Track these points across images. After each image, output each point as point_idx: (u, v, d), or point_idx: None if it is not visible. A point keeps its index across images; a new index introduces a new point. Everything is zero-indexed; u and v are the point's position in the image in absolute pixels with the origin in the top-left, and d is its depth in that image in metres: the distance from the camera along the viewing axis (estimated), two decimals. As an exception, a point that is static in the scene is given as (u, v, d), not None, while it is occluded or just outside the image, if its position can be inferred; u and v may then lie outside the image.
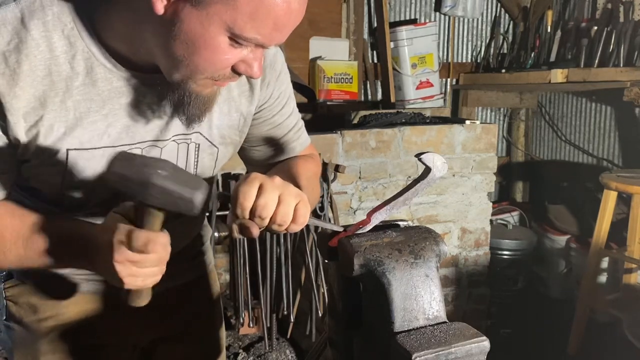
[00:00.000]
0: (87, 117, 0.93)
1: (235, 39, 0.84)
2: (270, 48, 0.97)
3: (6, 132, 0.91)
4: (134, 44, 0.91)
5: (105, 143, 0.96)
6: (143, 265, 0.84)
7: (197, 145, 1.06)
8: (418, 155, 0.82)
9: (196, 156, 1.07)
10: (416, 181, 0.85)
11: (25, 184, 1.00)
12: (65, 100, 0.91)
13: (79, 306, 1.17)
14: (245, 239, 2.49)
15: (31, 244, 0.92)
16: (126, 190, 0.81)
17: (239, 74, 0.91)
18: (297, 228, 0.87)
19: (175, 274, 1.20)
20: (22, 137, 0.91)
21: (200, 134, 1.05)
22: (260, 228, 0.85)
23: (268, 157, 1.20)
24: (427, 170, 0.83)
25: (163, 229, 0.85)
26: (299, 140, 1.21)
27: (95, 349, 1.19)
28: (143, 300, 0.92)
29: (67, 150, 0.94)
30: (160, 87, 0.94)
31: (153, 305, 1.17)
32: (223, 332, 1.41)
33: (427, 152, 0.83)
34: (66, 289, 1.15)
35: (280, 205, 0.84)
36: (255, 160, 1.21)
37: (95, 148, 0.95)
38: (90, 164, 0.96)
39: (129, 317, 1.17)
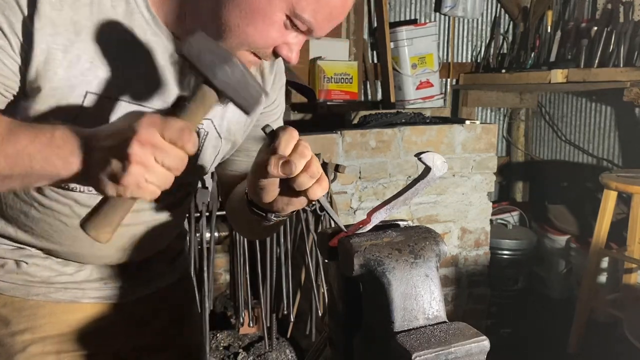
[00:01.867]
0: (114, 61, 0.89)
1: (292, 19, 0.85)
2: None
3: (19, 49, 0.84)
4: (183, 5, 0.90)
5: (123, 96, 0.91)
6: (166, 158, 0.71)
7: (205, 133, 1.03)
8: (418, 155, 0.82)
9: (201, 145, 1.04)
10: (416, 180, 0.85)
11: (30, 118, 0.91)
12: (98, 36, 0.88)
13: (55, 317, 1.08)
14: (246, 239, 2.49)
15: (8, 139, 0.76)
16: (200, 62, 0.76)
17: (276, 57, 0.91)
18: (319, 192, 0.85)
19: (155, 277, 1.18)
20: (44, 57, 0.85)
21: (212, 122, 1.03)
22: (296, 169, 0.81)
23: (250, 164, 1.19)
24: (427, 169, 0.83)
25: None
26: None
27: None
28: (105, 232, 0.76)
29: (86, 92, 0.88)
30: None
31: (133, 312, 1.15)
32: (205, 337, 1.38)
33: (427, 151, 0.83)
34: (40, 299, 1.07)
35: (313, 160, 0.83)
36: (235, 169, 1.17)
37: (113, 98, 0.91)
38: (103, 115, 0.90)
39: (109, 326, 1.13)
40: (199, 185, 2.28)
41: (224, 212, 2.45)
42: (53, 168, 0.75)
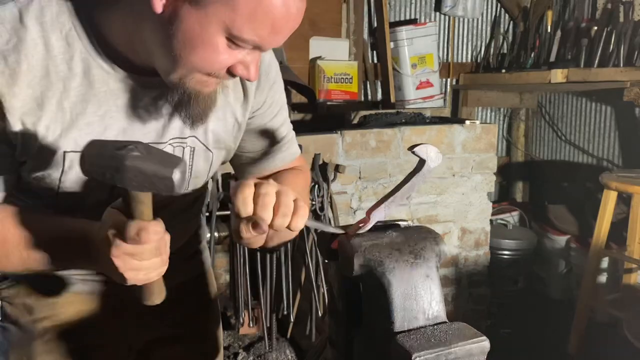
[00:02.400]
0: (83, 119, 0.93)
1: (233, 40, 0.84)
2: (265, 56, 0.96)
3: (5, 133, 0.91)
4: (133, 44, 0.91)
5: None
6: (141, 257, 0.80)
7: (192, 149, 1.06)
8: (411, 148, 0.82)
9: (191, 160, 1.07)
10: (411, 174, 0.85)
11: (22, 187, 0.99)
12: (62, 101, 0.91)
13: (74, 307, 1.16)
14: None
15: (33, 246, 0.90)
16: (103, 178, 0.77)
17: (233, 76, 0.90)
18: (300, 222, 0.84)
19: (171, 274, 1.21)
20: (20, 138, 0.91)
21: (196, 138, 1.05)
22: (266, 223, 0.82)
23: (257, 165, 1.20)
24: (422, 162, 0.83)
25: (157, 218, 0.82)
26: (289, 150, 1.22)
27: (90, 349, 1.18)
28: (157, 297, 0.88)
29: (64, 152, 0.93)
30: (159, 89, 0.94)
31: (149, 306, 1.18)
32: (220, 333, 1.41)
33: (421, 144, 0.83)
34: (62, 290, 1.15)
35: (280, 195, 0.82)
36: (244, 167, 1.22)
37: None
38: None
39: (124, 318, 1.18)
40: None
41: (224, 212, 2.45)
42: (74, 267, 0.99)
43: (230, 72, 0.90)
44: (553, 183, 4.22)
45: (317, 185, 2.50)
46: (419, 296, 0.79)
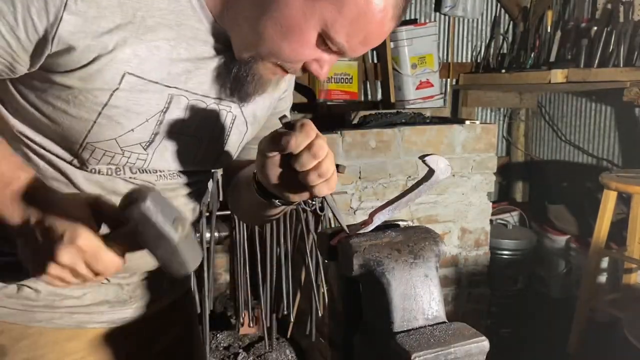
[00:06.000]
0: (156, 41, 0.87)
1: (325, 39, 0.85)
2: None
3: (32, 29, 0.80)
4: (224, 4, 0.90)
5: (163, 79, 0.90)
6: (81, 277, 0.78)
7: (233, 117, 1.03)
8: (422, 157, 0.82)
9: (230, 129, 1.03)
10: (419, 183, 0.85)
11: (43, 127, 0.90)
12: (144, 20, 0.86)
13: (58, 345, 1.02)
14: (245, 238, 2.49)
15: None
16: (135, 226, 0.75)
17: (305, 72, 0.91)
18: (326, 190, 0.84)
19: (160, 295, 1.14)
20: (78, 42, 0.82)
21: (241, 109, 1.02)
22: (303, 167, 0.81)
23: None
24: (431, 172, 0.83)
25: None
26: None
27: None
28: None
29: (125, 73, 0.86)
30: (225, 54, 0.92)
31: (138, 333, 1.11)
32: (205, 335, 1.36)
33: (431, 154, 0.83)
34: (43, 325, 1.01)
35: (327, 158, 0.83)
36: (250, 158, 1.16)
37: (152, 81, 0.89)
38: (139, 98, 0.89)
39: (114, 350, 1.08)
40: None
41: (224, 212, 2.46)
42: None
43: (303, 67, 0.90)
44: (553, 183, 4.22)
45: (317, 185, 2.50)
46: (418, 296, 0.79)
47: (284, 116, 0.86)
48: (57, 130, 0.89)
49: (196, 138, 0.99)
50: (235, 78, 0.92)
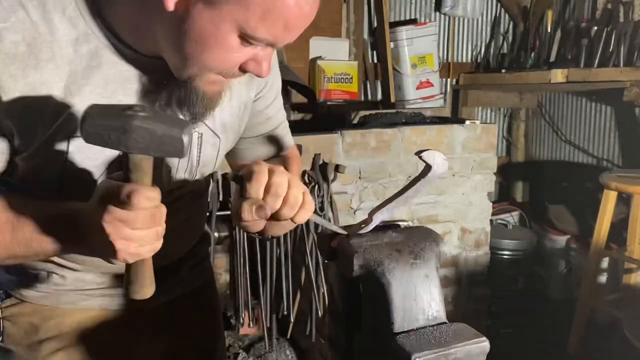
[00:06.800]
0: (89, 100, 0.88)
1: (246, 39, 0.84)
2: None
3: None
4: (139, 35, 0.90)
5: None
6: (134, 224, 0.75)
7: (200, 135, 1.03)
8: (418, 153, 0.82)
9: (199, 145, 1.04)
10: (417, 179, 0.85)
11: (19, 184, 0.95)
12: (69, 86, 0.88)
13: (82, 325, 1.10)
14: (245, 238, 2.49)
15: (17, 226, 0.84)
16: (106, 142, 0.72)
17: (245, 72, 0.90)
18: (305, 216, 0.86)
19: (179, 282, 1.19)
20: (21, 123, 0.87)
21: (204, 123, 1.03)
22: (272, 210, 0.83)
23: (254, 150, 1.20)
24: (428, 167, 0.83)
25: (154, 186, 0.78)
26: (287, 137, 1.22)
27: None
28: (146, 289, 0.82)
29: (69, 137, 0.89)
30: (167, 73, 0.92)
31: (158, 319, 1.16)
32: (225, 341, 1.40)
33: (427, 149, 0.83)
34: (69, 307, 1.09)
35: (291, 188, 0.83)
36: (240, 152, 1.20)
37: None
38: (90, 154, 0.92)
39: (135, 334, 1.14)
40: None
41: (224, 212, 2.45)
42: (62, 249, 0.86)
43: (242, 69, 0.89)
44: (553, 183, 4.21)
45: (317, 185, 2.50)
46: (418, 296, 0.79)
47: (235, 175, 0.87)
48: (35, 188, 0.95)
49: (167, 165, 1.02)
50: (181, 101, 0.92)
